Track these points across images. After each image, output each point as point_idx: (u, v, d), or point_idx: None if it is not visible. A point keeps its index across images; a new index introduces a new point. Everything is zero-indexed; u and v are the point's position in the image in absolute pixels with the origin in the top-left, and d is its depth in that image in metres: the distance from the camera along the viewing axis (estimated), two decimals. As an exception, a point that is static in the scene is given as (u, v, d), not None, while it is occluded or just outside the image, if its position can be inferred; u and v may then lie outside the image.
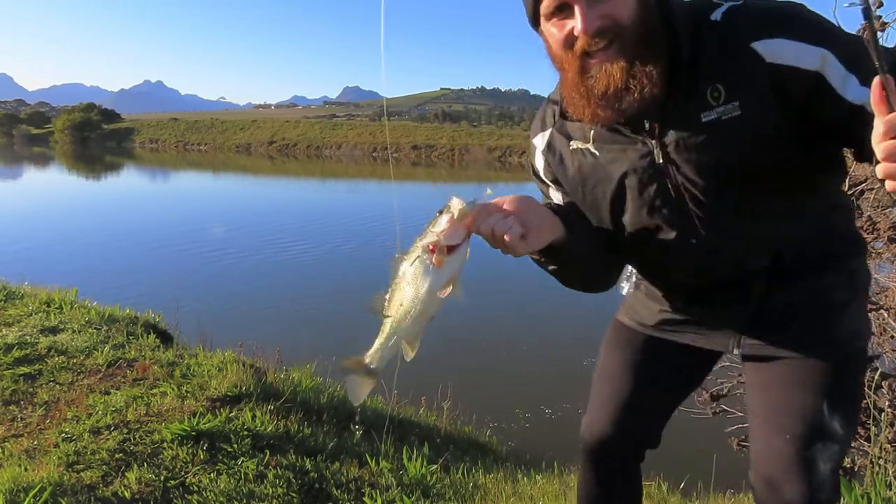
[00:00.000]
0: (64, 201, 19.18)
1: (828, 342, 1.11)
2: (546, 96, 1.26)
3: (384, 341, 1.02)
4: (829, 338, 1.11)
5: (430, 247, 0.95)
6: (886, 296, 2.40)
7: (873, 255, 2.39)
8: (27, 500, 1.79)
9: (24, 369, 2.90)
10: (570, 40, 0.98)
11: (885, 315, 2.38)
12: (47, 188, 25.35)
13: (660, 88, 0.97)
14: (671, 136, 1.02)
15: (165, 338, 3.82)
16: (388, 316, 1.01)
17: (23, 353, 3.07)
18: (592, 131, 1.10)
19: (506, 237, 0.96)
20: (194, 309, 6.22)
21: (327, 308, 7.64)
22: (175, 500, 1.91)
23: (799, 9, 0.98)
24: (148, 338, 3.57)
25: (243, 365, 2.97)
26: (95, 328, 3.61)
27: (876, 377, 2.25)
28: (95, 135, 72.12)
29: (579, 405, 4.96)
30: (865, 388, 2.25)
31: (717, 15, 0.99)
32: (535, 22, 1.05)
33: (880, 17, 2.17)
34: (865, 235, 2.32)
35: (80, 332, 3.51)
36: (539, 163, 1.23)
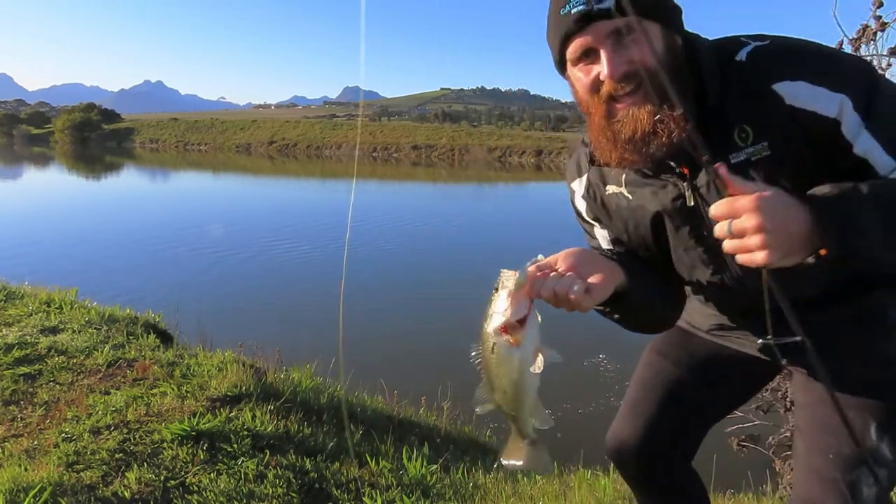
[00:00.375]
0: (64, 201, 19.19)
1: (881, 361, 1.07)
2: (546, 97, 1.26)
3: (517, 423, 1.02)
4: (883, 357, 1.07)
5: (502, 328, 0.93)
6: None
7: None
8: (27, 500, 1.79)
9: (24, 369, 2.90)
10: (596, 85, 0.99)
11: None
12: (47, 188, 25.36)
13: (687, 131, 0.95)
14: (702, 179, 1.02)
15: (165, 338, 3.82)
16: (500, 403, 1.00)
17: (23, 353, 3.07)
18: (624, 175, 1.12)
19: (570, 296, 0.94)
20: (194, 309, 6.21)
21: (327, 308, 7.64)
22: (175, 500, 1.91)
23: (819, 51, 0.98)
24: (148, 338, 3.57)
25: (243, 365, 2.97)
26: (95, 328, 3.61)
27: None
28: (95, 135, 72.14)
29: (579, 406, 4.96)
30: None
31: (742, 55, 0.99)
32: (561, 67, 1.06)
33: (880, 17, 2.17)
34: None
35: (80, 332, 3.51)
36: (581, 206, 1.25)
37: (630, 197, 1.12)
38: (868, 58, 2.24)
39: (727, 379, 1.29)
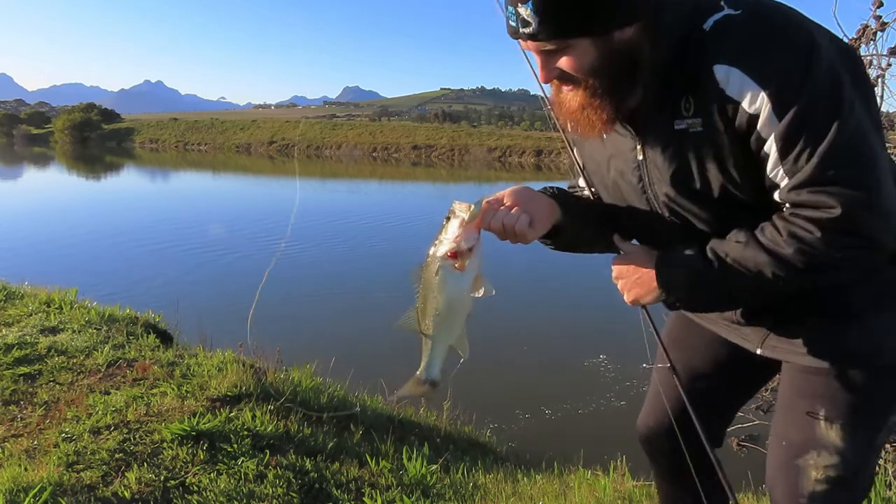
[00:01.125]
0: (64, 201, 19.18)
1: (840, 352, 1.06)
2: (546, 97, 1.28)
3: (433, 352, 1.09)
4: (842, 347, 1.06)
5: (450, 254, 1.01)
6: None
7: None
8: (27, 500, 1.79)
9: (24, 369, 2.89)
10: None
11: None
12: (47, 188, 25.34)
13: (635, 99, 1.01)
14: (648, 137, 1.05)
15: (165, 338, 3.82)
16: (426, 328, 1.07)
17: (23, 353, 3.07)
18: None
19: (516, 228, 1.04)
20: (194, 309, 6.21)
21: (327, 308, 7.65)
22: (175, 500, 1.91)
23: (783, 39, 0.90)
24: (148, 338, 3.57)
25: (243, 365, 2.97)
26: (95, 328, 3.61)
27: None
28: (95, 135, 72.08)
29: (579, 405, 4.96)
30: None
31: (709, 23, 0.95)
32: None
33: (880, 17, 2.17)
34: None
35: (80, 332, 3.51)
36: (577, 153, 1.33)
37: (604, 137, 1.15)
38: (868, 58, 2.24)
39: (733, 366, 1.31)
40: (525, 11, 0.92)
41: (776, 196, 0.95)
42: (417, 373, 1.11)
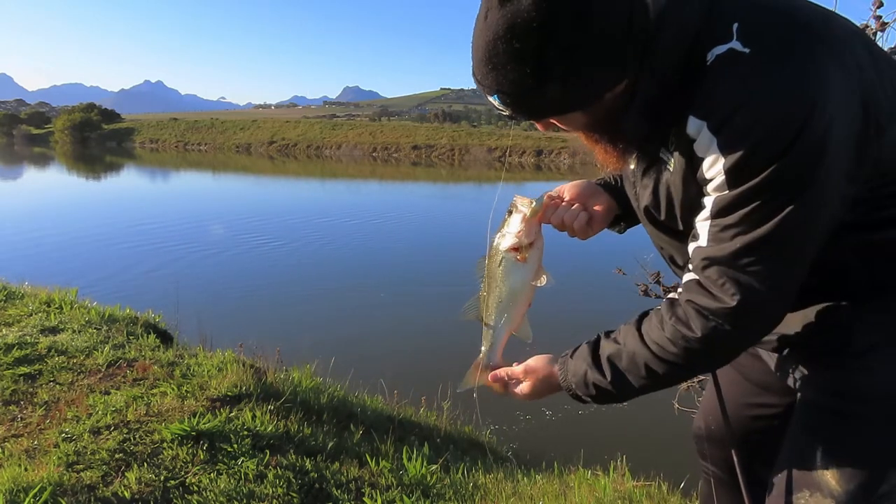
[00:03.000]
0: (64, 201, 19.18)
1: (838, 391, 0.98)
2: None
3: (495, 339, 1.16)
4: (840, 386, 0.97)
5: (513, 247, 1.08)
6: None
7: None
8: (27, 500, 1.79)
9: (24, 369, 2.89)
10: None
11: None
12: (47, 188, 25.34)
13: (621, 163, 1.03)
14: (641, 156, 1.02)
15: (165, 338, 3.82)
16: (489, 317, 1.14)
17: (23, 353, 3.07)
18: None
19: (574, 225, 1.10)
20: (194, 309, 6.21)
21: (328, 308, 7.65)
22: (175, 500, 1.91)
23: (777, 100, 0.78)
24: (148, 338, 3.57)
25: (243, 365, 2.97)
26: (95, 328, 3.61)
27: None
28: (95, 135, 72.07)
29: (579, 406, 4.95)
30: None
31: (711, 55, 0.83)
32: None
33: (880, 17, 2.17)
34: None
35: (80, 332, 3.51)
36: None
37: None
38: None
39: (753, 384, 1.28)
40: (496, 102, 0.88)
41: (689, 247, 0.93)
42: (480, 358, 1.17)
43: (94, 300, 4.35)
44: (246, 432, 2.32)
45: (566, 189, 1.13)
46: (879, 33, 2.18)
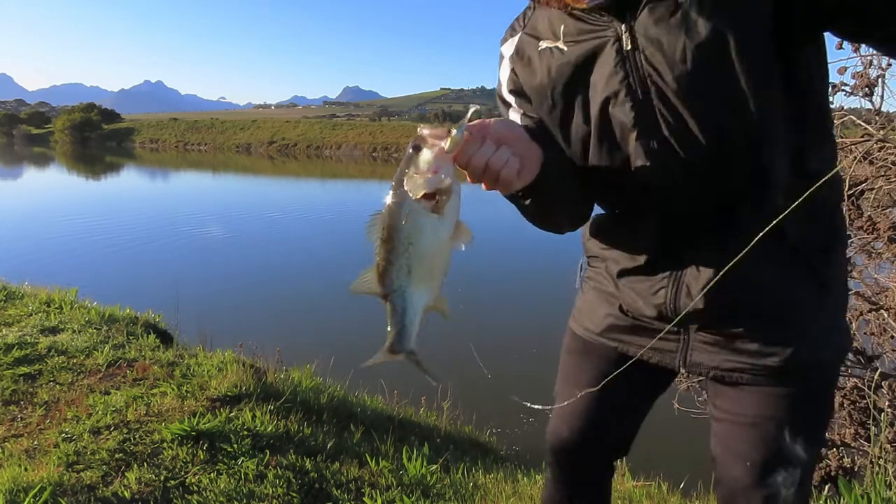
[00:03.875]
0: (64, 201, 19.17)
1: (784, 356, 0.98)
2: None
3: (405, 318, 0.85)
4: (787, 351, 0.98)
5: (425, 194, 0.78)
6: (886, 296, 2.40)
7: (873, 255, 2.39)
8: (27, 500, 1.79)
9: (24, 369, 2.89)
10: None
11: (885, 315, 2.37)
12: (47, 188, 25.34)
13: None
14: (643, 18, 0.87)
15: (165, 338, 3.82)
16: (394, 290, 0.83)
17: (23, 353, 3.07)
18: (563, 26, 0.96)
19: (502, 173, 0.82)
20: (194, 309, 6.21)
21: (328, 308, 7.64)
22: (175, 500, 1.91)
23: None
24: (148, 338, 3.57)
25: (243, 365, 2.97)
26: (95, 328, 3.61)
27: (876, 377, 2.25)
28: (95, 135, 72.09)
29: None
30: (865, 388, 2.25)
31: None
32: None
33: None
34: (865, 235, 2.32)
35: (80, 332, 3.51)
36: (505, 73, 1.07)
37: (564, 49, 0.96)
38: (868, 58, 2.24)
39: (627, 383, 1.18)
40: None
41: None
42: (387, 345, 0.87)
43: (94, 300, 4.36)
44: (246, 432, 2.32)
45: (491, 125, 0.83)
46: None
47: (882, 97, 2.28)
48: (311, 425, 2.56)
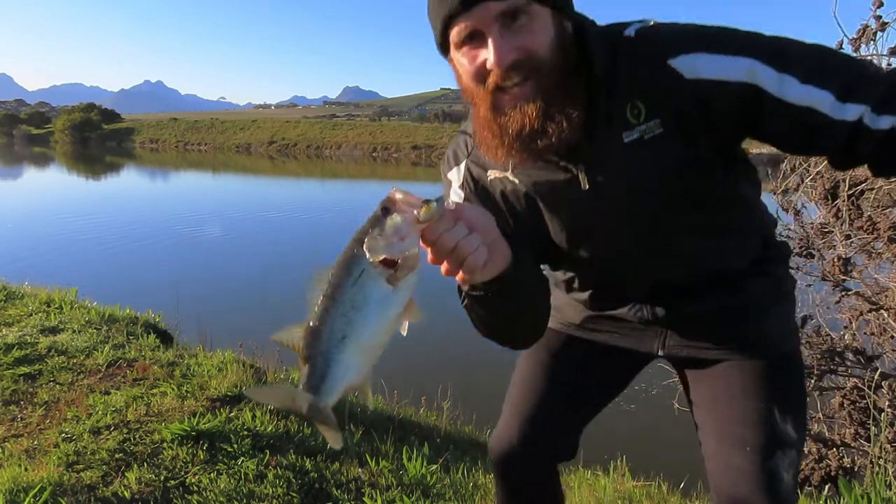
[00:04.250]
0: (64, 201, 19.18)
1: (761, 345, 1.10)
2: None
3: (321, 385, 0.74)
4: (762, 341, 1.10)
5: (386, 260, 0.71)
6: (886, 296, 2.40)
7: (873, 254, 2.39)
8: (27, 500, 1.79)
9: (24, 369, 2.90)
10: (481, 73, 0.89)
11: (885, 315, 2.37)
12: (47, 188, 25.34)
13: (579, 121, 0.91)
14: (594, 161, 0.96)
15: (165, 338, 3.82)
16: (321, 357, 0.73)
17: (23, 353, 3.07)
18: (511, 161, 1.00)
19: (469, 259, 0.77)
20: (194, 309, 6.21)
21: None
22: (175, 500, 1.91)
23: (710, 27, 0.93)
24: (148, 338, 3.57)
25: (243, 365, 2.97)
26: (95, 328, 3.61)
27: (876, 377, 2.25)
28: (95, 135, 72.09)
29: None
30: (865, 389, 2.25)
31: (630, 31, 0.94)
32: (444, 50, 0.95)
33: (880, 16, 2.17)
34: (865, 235, 2.32)
35: (80, 332, 3.51)
36: (456, 200, 1.06)
37: (516, 181, 1.03)
38: (868, 58, 2.24)
39: (601, 373, 1.25)
40: None
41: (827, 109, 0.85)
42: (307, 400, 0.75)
43: (94, 300, 4.36)
44: (246, 432, 2.32)
45: (465, 209, 0.79)
46: (879, 33, 2.18)
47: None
48: (310, 425, 2.56)
